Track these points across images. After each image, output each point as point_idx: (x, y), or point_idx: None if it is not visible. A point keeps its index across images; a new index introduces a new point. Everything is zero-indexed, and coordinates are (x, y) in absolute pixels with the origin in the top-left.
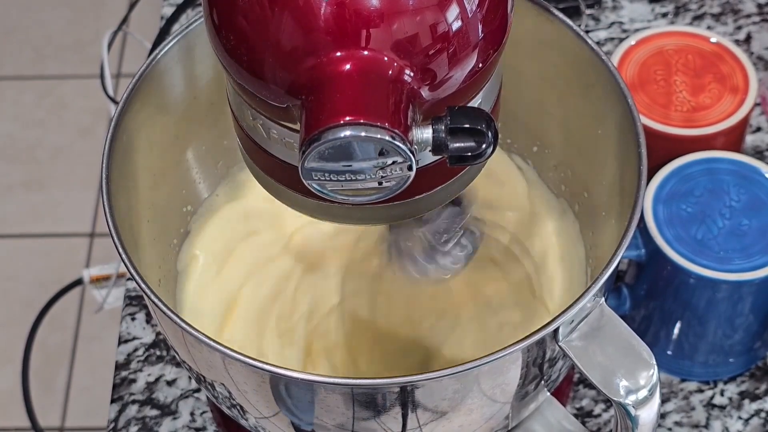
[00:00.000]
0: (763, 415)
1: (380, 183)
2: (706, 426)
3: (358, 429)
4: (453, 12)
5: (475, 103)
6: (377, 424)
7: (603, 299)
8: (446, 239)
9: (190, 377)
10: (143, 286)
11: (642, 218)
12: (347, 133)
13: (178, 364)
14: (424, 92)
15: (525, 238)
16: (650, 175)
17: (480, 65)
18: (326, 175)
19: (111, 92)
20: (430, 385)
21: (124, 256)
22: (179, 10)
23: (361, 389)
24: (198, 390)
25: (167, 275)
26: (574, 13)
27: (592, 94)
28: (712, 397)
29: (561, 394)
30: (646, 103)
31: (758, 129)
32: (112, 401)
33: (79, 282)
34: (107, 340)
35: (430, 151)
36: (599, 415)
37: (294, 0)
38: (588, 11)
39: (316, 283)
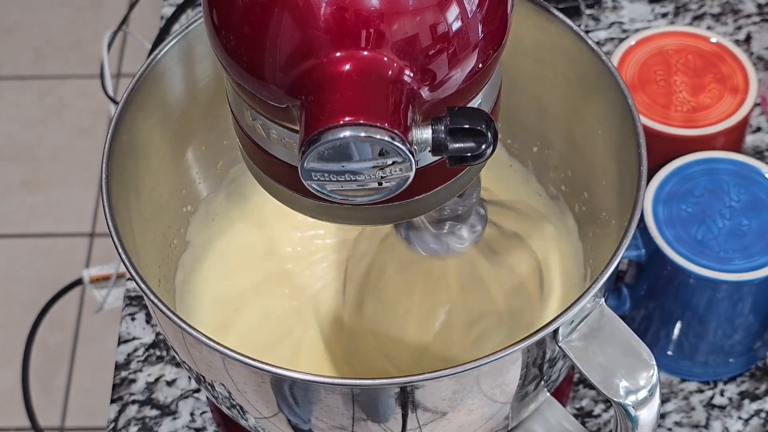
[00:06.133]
0: (763, 415)
1: (380, 183)
2: (706, 426)
3: (358, 429)
4: (453, 12)
5: (474, 103)
6: (377, 425)
7: (603, 299)
8: (452, 220)
9: (189, 377)
10: (143, 286)
11: (642, 218)
12: (347, 133)
13: (177, 364)
14: (424, 93)
15: (524, 238)
16: (650, 176)
17: (480, 65)
18: (326, 175)
19: (111, 92)
20: (430, 385)
21: (123, 256)
22: (179, 10)
23: (360, 389)
24: (198, 390)
25: (167, 275)
26: (574, 13)
27: (592, 95)
28: (712, 398)
29: (561, 394)
30: (646, 104)
31: (758, 129)
32: (112, 401)
33: (79, 282)
34: (107, 340)
35: (429, 151)
36: (599, 416)
37: (294, 0)
38: (588, 11)
39: (312, 285)
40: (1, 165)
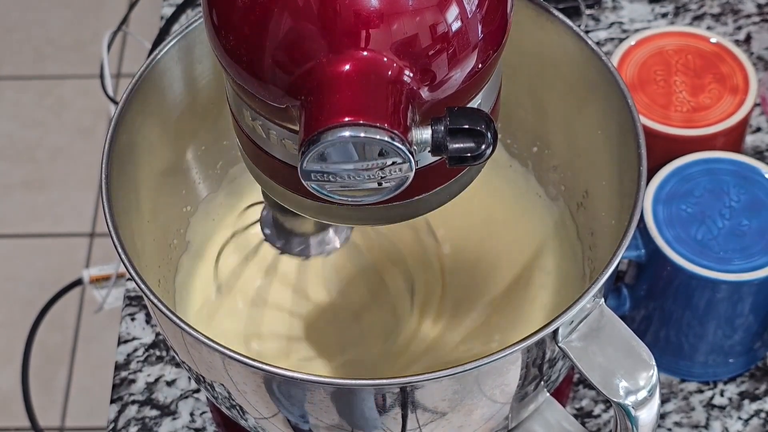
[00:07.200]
0: (762, 415)
1: (380, 184)
2: (706, 426)
3: (358, 429)
4: (453, 12)
5: (474, 103)
6: (377, 425)
7: (603, 300)
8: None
9: (189, 377)
10: (142, 286)
11: (642, 218)
12: (346, 133)
13: (177, 365)
14: (424, 93)
15: (523, 238)
16: (650, 176)
17: (480, 66)
18: (325, 175)
19: (111, 92)
20: (430, 385)
21: (123, 256)
22: (179, 10)
23: (360, 390)
24: (198, 390)
25: (167, 275)
26: (574, 13)
27: (592, 95)
28: (711, 398)
29: (561, 394)
30: (646, 104)
31: (758, 129)
32: (112, 401)
33: (79, 282)
34: (107, 340)
35: (429, 151)
36: (599, 416)
37: (293, 1)
38: (588, 11)
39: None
40: (1, 165)
